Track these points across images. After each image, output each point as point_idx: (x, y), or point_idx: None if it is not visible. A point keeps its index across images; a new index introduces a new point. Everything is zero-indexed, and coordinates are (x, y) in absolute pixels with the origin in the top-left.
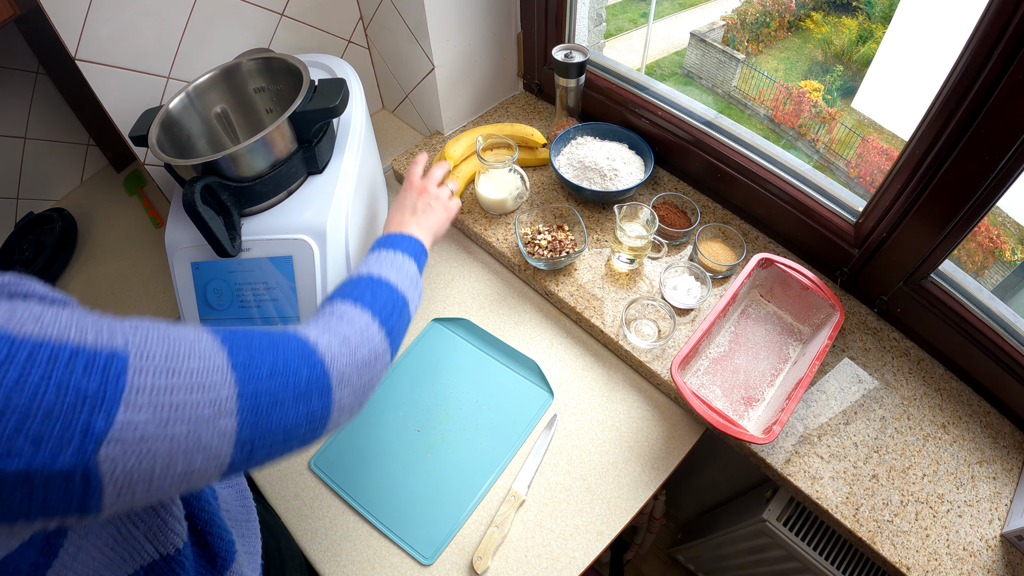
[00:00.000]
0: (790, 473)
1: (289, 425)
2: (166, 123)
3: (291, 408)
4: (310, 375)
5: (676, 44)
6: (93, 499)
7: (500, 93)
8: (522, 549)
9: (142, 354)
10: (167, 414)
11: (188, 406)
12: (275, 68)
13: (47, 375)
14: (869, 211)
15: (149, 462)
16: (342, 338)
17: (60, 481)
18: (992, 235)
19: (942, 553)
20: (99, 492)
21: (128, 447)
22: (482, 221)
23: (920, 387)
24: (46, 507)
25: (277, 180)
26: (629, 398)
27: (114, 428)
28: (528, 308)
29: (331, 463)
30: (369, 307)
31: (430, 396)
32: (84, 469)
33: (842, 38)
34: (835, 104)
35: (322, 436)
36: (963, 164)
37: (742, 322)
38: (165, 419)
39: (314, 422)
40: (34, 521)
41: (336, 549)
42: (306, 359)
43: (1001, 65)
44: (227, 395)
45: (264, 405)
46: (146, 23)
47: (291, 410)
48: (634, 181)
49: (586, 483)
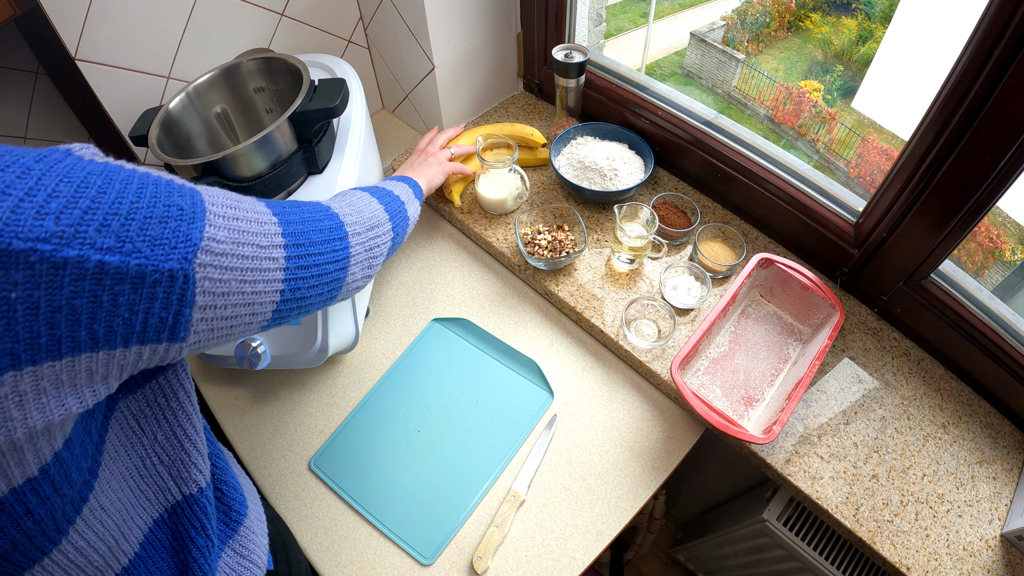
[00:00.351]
0: (790, 473)
1: (321, 262)
2: (166, 123)
3: (321, 247)
4: (330, 224)
5: (676, 44)
6: (185, 312)
7: (500, 93)
8: (522, 549)
9: (208, 192)
10: (237, 235)
11: (250, 232)
12: (275, 68)
13: (156, 193)
14: (869, 211)
15: (228, 276)
16: (347, 202)
17: (166, 283)
18: (992, 235)
19: (942, 553)
20: (191, 303)
21: (214, 259)
22: (482, 221)
23: (920, 387)
24: (147, 324)
25: (277, 180)
26: (629, 398)
27: (204, 240)
28: (528, 308)
29: (331, 463)
30: (383, 203)
31: (430, 396)
32: (185, 272)
33: (842, 38)
34: (835, 104)
35: (342, 288)
36: (963, 164)
37: (742, 322)
38: (237, 239)
39: (339, 262)
40: (131, 346)
41: (336, 549)
42: (323, 211)
43: (1001, 65)
44: (274, 231)
45: (302, 243)
46: (146, 23)
47: (321, 248)
48: (634, 181)
49: (586, 483)
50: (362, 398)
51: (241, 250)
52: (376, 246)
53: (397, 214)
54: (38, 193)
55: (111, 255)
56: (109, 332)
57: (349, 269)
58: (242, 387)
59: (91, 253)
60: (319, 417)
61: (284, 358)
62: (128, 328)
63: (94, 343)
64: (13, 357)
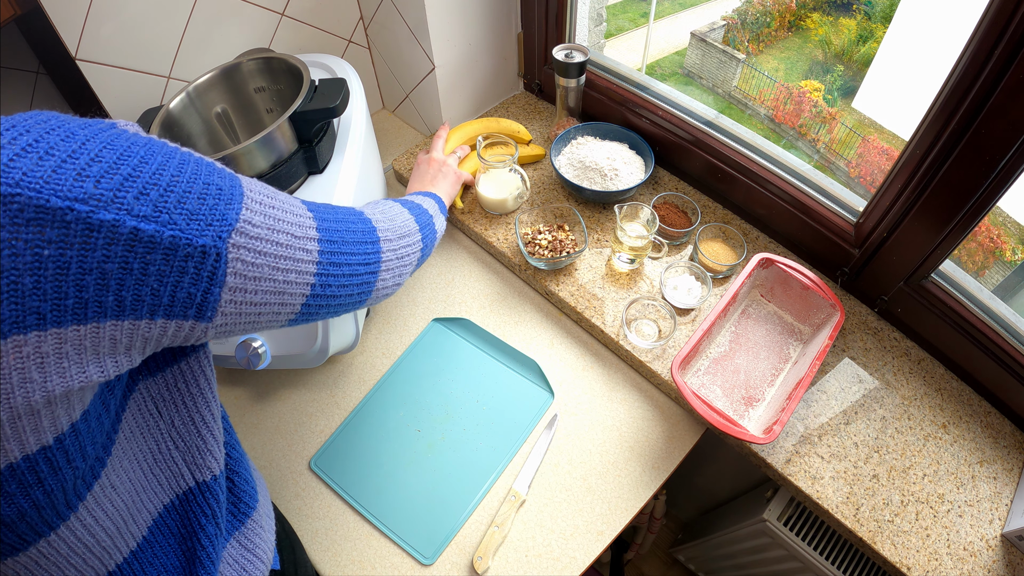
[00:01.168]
0: (790, 473)
1: (353, 263)
2: (167, 123)
3: (353, 248)
4: (363, 227)
5: (676, 44)
6: (214, 291)
7: (500, 93)
8: (522, 549)
9: (247, 180)
10: (273, 222)
11: (285, 222)
12: (275, 68)
13: (197, 171)
14: (869, 211)
15: (260, 261)
16: (380, 211)
17: (198, 258)
18: (992, 235)
19: (942, 553)
20: (221, 283)
21: (248, 241)
22: (482, 221)
23: (920, 387)
24: (175, 298)
25: (278, 180)
26: (629, 398)
27: (240, 222)
28: (528, 308)
29: (331, 463)
30: (413, 214)
31: (431, 396)
32: (218, 249)
33: (842, 38)
34: (835, 104)
35: (372, 292)
36: (964, 164)
37: (742, 322)
38: (272, 226)
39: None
40: (156, 318)
41: (337, 549)
42: (358, 215)
43: (1002, 65)
44: (309, 224)
45: (335, 240)
46: (146, 23)
47: (354, 249)
48: (634, 181)
49: (586, 483)
50: (362, 398)
51: (276, 236)
52: (406, 255)
53: (426, 226)
54: (81, 156)
55: (147, 223)
56: (136, 301)
57: (380, 274)
58: (243, 387)
59: (127, 219)
60: (319, 417)
61: (285, 358)
62: (156, 299)
63: (120, 310)
64: (39, 316)
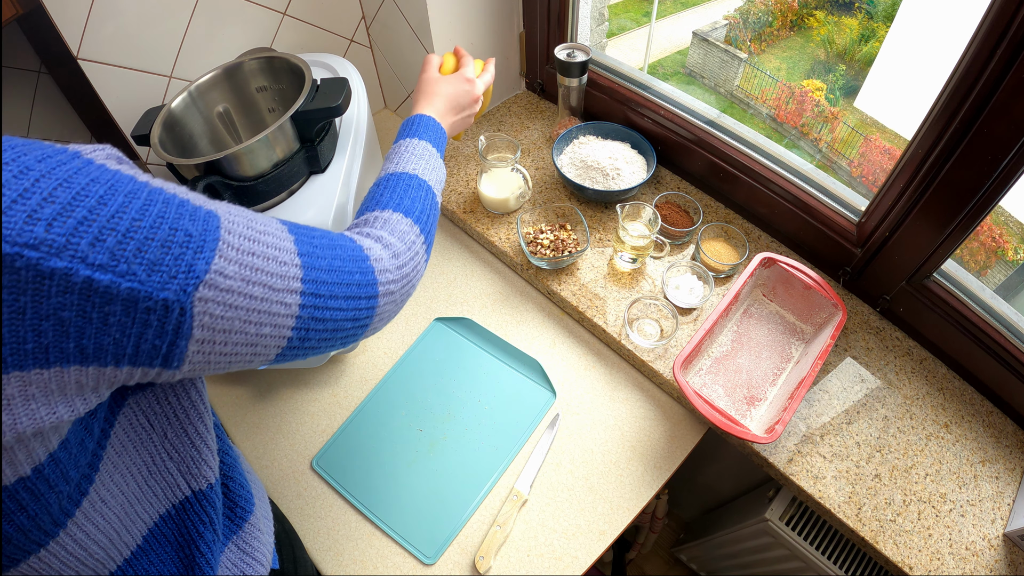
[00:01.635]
0: (792, 472)
1: (338, 318)
2: (168, 122)
3: (342, 303)
4: (361, 280)
5: (678, 43)
6: (180, 344)
7: (502, 92)
8: (524, 549)
9: (230, 218)
10: (249, 272)
11: (265, 272)
12: (277, 67)
13: (163, 213)
14: (871, 210)
15: (231, 315)
16: (392, 252)
17: (160, 312)
18: (995, 234)
19: (945, 553)
20: (187, 336)
21: (218, 294)
22: (484, 220)
23: (923, 386)
24: (139, 349)
25: (279, 179)
26: (631, 397)
27: (211, 273)
28: (530, 307)
29: (333, 462)
30: (412, 217)
31: (432, 395)
32: (182, 304)
33: (844, 37)
34: (837, 103)
35: (360, 338)
36: (965, 163)
37: (744, 321)
38: (248, 277)
39: (359, 321)
40: (122, 367)
41: (338, 549)
42: (359, 264)
43: (1004, 64)
44: (294, 274)
45: (322, 294)
46: (148, 22)
47: (342, 304)
48: (636, 180)
49: (588, 483)
50: (364, 397)
51: (251, 289)
52: (409, 293)
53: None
54: (33, 195)
55: (102, 273)
56: (99, 350)
57: (371, 325)
58: (244, 386)
59: (80, 267)
60: (321, 416)
61: None
62: (119, 349)
63: (83, 358)
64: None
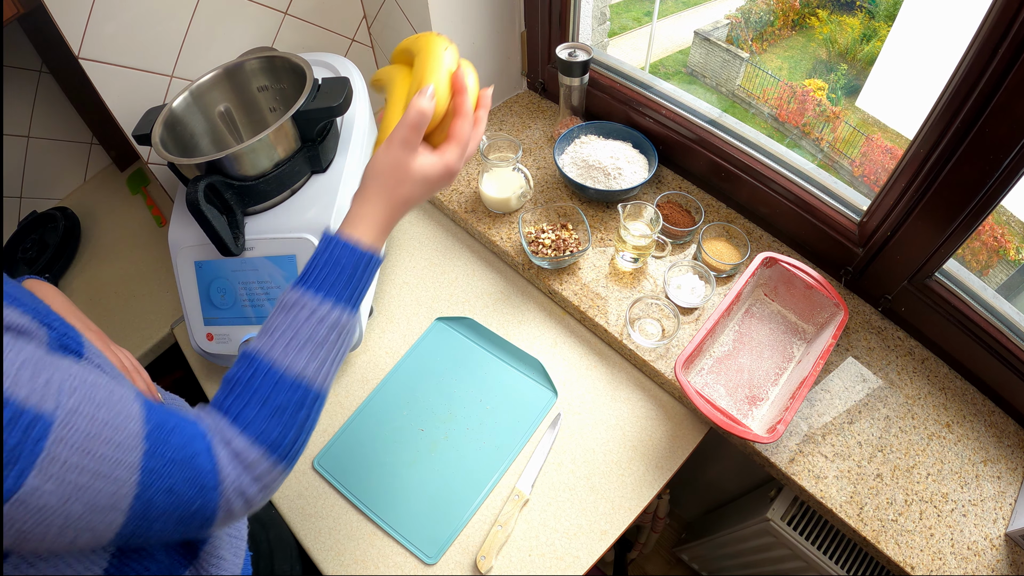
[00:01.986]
0: (794, 472)
1: (165, 537)
2: (169, 122)
3: (172, 525)
4: (201, 506)
5: (680, 43)
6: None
7: (504, 92)
8: (526, 548)
9: (67, 424)
10: (70, 492)
11: (90, 491)
12: (278, 67)
13: None
14: (873, 210)
15: (42, 530)
16: (245, 465)
17: None
18: (996, 234)
19: (946, 552)
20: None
21: (28, 512)
22: (486, 220)
23: (924, 386)
24: None
25: (280, 179)
26: (633, 397)
27: (22, 490)
28: (532, 307)
29: (334, 462)
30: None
31: (434, 395)
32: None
33: (846, 36)
34: (839, 103)
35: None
36: (967, 163)
37: (746, 321)
38: (67, 496)
39: (188, 535)
40: None
41: (340, 548)
42: (203, 493)
43: (1006, 63)
44: (125, 493)
45: (151, 516)
46: (149, 22)
47: (171, 526)
48: (638, 180)
49: (590, 482)
50: (365, 397)
51: (69, 507)
52: (269, 493)
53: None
54: None
55: None
56: None
57: (203, 534)
58: None
59: None
60: (322, 416)
61: None
62: None
63: None
64: None
